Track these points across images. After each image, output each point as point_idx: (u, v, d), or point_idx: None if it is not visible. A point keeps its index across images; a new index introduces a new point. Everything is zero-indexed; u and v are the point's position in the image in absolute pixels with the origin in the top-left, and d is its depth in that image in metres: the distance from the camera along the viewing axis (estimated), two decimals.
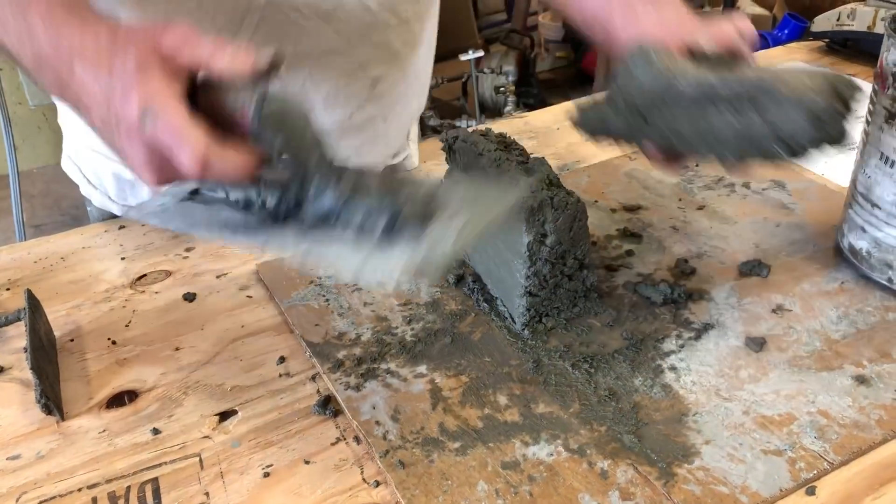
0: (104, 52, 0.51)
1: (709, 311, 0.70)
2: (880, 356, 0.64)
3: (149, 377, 0.68)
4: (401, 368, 0.66)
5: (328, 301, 0.75)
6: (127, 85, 0.50)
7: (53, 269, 0.84)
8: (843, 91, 0.56)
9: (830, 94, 0.55)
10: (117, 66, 0.51)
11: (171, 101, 0.49)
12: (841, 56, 1.22)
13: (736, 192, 0.88)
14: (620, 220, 0.84)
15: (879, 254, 0.70)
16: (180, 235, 0.89)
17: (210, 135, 0.49)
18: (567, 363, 0.65)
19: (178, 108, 0.49)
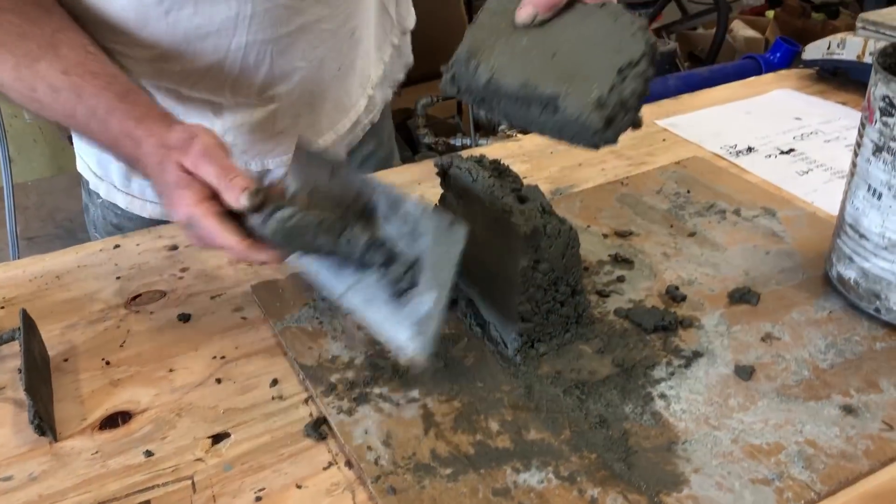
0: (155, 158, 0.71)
1: (699, 339, 0.71)
2: (867, 386, 0.65)
3: (142, 398, 0.69)
4: (393, 393, 0.66)
5: (322, 323, 0.75)
6: (171, 199, 0.69)
7: (49, 288, 0.84)
8: (628, 89, 0.61)
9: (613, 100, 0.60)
10: (162, 179, 0.70)
11: (205, 217, 0.66)
12: (831, 84, 1.23)
13: (726, 219, 0.89)
14: (612, 246, 0.85)
15: (867, 284, 0.71)
16: (175, 255, 0.89)
17: (240, 234, 0.66)
18: (558, 389, 0.65)
19: (211, 221, 0.66)
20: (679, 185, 0.96)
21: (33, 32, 0.76)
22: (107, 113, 0.74)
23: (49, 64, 0.75)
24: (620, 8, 0.64)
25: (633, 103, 0.62)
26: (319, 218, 0.66)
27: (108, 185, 1.01)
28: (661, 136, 1.10)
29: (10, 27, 0.75)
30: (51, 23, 0.77)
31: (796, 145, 1.05)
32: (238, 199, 0.66)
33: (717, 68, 2.98)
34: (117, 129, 0.74)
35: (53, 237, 3.01)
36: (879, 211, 0.68)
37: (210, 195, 0.67)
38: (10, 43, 0.75)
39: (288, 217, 0.65)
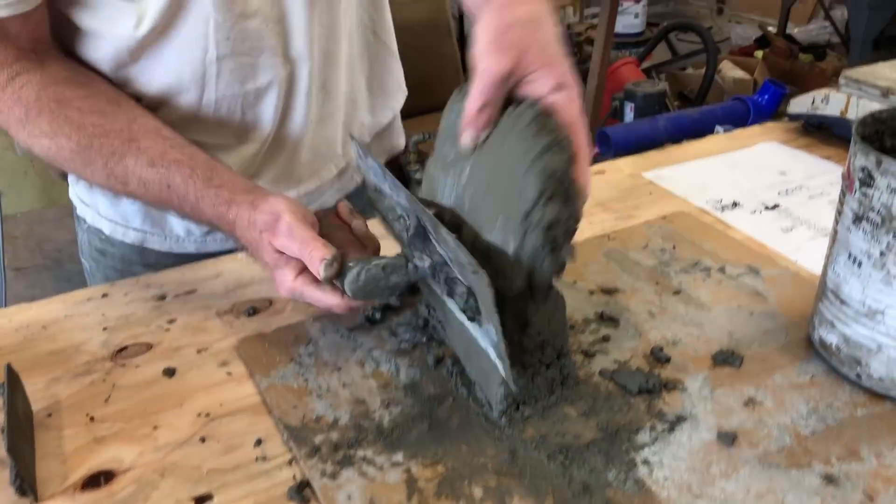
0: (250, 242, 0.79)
1: (682, 402, 0.71)
2: (848, 454, 0.65)
3: (126, 456, 0.69)
4: (377, 456, 0.66)
5: (307, 381, 0.75)
6: (273, 276, 0.78)
7: (34, 339, 0.84)
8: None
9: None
10: (260, 258, 0.79)
11: (304, 289, 0.75)
12: (816, 138, 1.25)
13: (711, 277, 0.90)
14: (598, 303, 0.86)
15: (848, 350, 0.72)
16: (163, 305, 0.89)
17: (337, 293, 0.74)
18: (543, 454, 0.66)
19: (310, 290, 0.75)
20: (665, 241, 0.97)
21: (113, 129, 0.82)
22: (197, 200, 0.81)
23: (135, 159, 0.81)
24: (533, 121, 0.63)
25: (543, 256, 0.62)
26: (382, 264, 0.72)
27: (94, 211, 1.04)
28: (648, 188, 1.12)
29: (93, 129, 0.82)
30: (124, 114, 0.84)
31: (781, 201, 1.07)
32: (319, 273, 0.72)
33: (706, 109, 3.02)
34: (210, 214, 0.81)
35: (41, 268, 3.00)
36: (860, 279, 0.69)
37: (304, 267, 0.75)
38: (97, 143, 0.82)
39: (356, 277, 0.72)
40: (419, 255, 0.72)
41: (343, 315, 0.83)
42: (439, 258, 0.70)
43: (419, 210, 0.70)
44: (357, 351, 0.79)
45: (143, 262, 1.04)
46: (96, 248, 1.07)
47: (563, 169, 0.62)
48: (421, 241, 0.72)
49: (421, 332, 0.81)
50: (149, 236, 1.03)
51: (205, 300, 0.90)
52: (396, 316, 0.84)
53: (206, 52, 0.88)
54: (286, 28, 0.91)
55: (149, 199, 0.85)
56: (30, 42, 0.83)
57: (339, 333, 0.82)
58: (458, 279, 0.68)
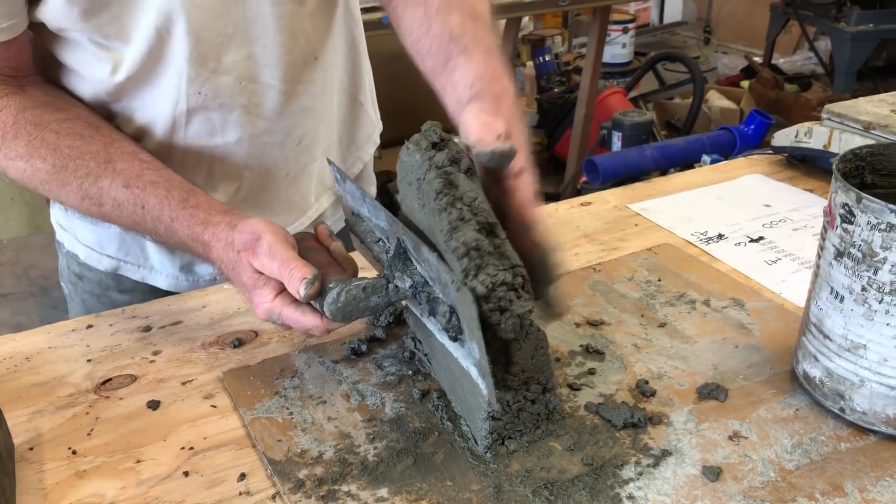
0: (227, 262, 0.78)
1: (667, 437, 0.71)
2: (832, 489, 0.65)
3: (108, 491, 0.68)
4: (361, 491, 0.66)
5: (292, 414, 0.75)
6: (251, 297, 0.76)
7: (17, 371, 0.84)
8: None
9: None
10: (238, 279, 0.77)
11: (283, 309, 0.74)
12: (800, 170, 1.27)
13: (696, 310, 0.90)
14: (584, 336, 0.86)
15: (832, 383, 0.72)
16: (148, 337, 0.89)
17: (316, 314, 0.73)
18: (528, 489, 0.65)
19: (288, 311, 0.74)
20: (650, 273, 0.97)
21: (89, 151, 0.82)
22: (171, 220, 0.80)
23: (111, 181, 0.81)
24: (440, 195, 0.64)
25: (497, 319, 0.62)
26: (362, 285, 0.71)
27: (72, 237, 1.05)
28: (634, 220, 1.12)
29: (69, 151, 0.82)
30: (102, 138, 0.84)
31: (765, 233, 1.08)
32: (299, 293, 0.71)
33: (693, 138, 3.05)
34: (185, 234, 0.80)
35: (27, 294, 2.98)
36: (842, 314, 0.69)
37: (282, 288, 0.74)
38: (72, 164, 0.82)
39: (336, 298, 0.71)
40: (400, 276, 0.72)
41: (329, 347, 0.83)
42: (420, 278, 0.70)
43: (400, 230, 0.70)
44: (342, 384, 0.79)
45: (118, 288, 1.05)
46: (74, 272, 1.07)
47: (475, 238, 0.61)
48: (401, 263, 0.72)
49: (407, 364, 0.81)
50: (122, 264, 1.03)
51: (190, 332, 0.90)
52: (382, 349, 0.84)
53: (176, 103, 0.89)
54: (260, 87, 0.91)
55: (123, 222, 0.84)
56: (10, 69, 0.84)
57: (325, 366, 0.82)
58: (439, 298, 0.68)
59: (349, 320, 0.73)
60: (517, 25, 3.79)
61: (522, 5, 2.90)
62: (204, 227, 0.79)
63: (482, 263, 0.61)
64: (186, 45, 0.85)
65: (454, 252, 0.61)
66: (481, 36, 0.80)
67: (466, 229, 0.61)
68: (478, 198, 0.64)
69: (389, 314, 0.87)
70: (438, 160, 0.66)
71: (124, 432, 0.75)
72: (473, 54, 0.77)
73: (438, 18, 0.81)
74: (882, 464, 0.68)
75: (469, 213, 0.62)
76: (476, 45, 0.78)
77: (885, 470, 0.67)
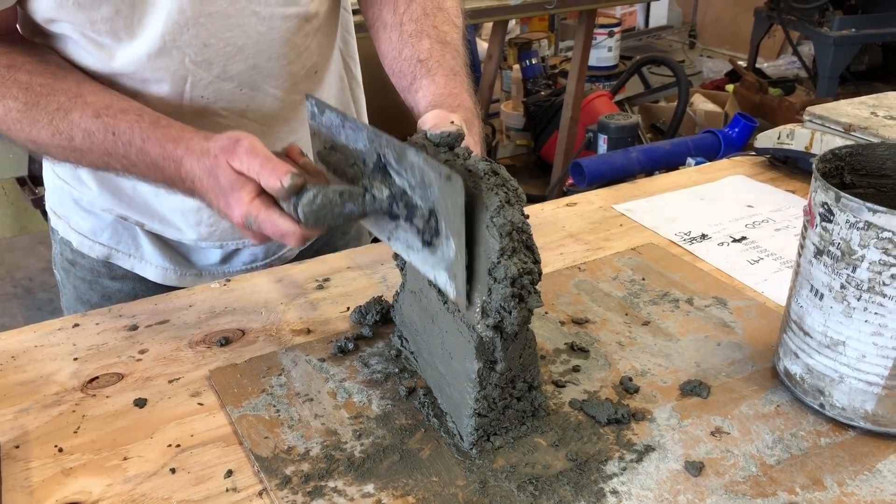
0: (206, 172, 0.76)
1: (651, 432, 0.72)
2: (812, 483, 0.66)
3: (94, 488, 0.68)
4: (348, 487, 0.66)
5: (279, 411, 0.76)
6: (228, 200, 0.75)
7: (3, 370, 0.84)
8: None
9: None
10: (214, 184, 0.75)
11: (261, 210, 0.73)
12: (782, 171, 1.28)
13: (679, 308, 0.91)
14: (569, 334, 0.87)
15: (812, 380, 0.73)
16: (134, 336, 0.89)
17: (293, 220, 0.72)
18: (512, 484, 0.66)
19: (268, 213, 0.73)
20: (634, 273, 0.98)
21: (60, 87, 0.82)
22: (143, 141, 0.79)
23: (81, 112, 0.81)
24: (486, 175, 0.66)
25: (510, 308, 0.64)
26: (339, 190, 0.71)
27: (65, 224, 1.06)
28: (618, 220, 1.14)
29: (40, 88, 0.82)
30: (74, 77, 0.84)
31: (748, 233, 1.09)
32: (281, 181, 0.70)
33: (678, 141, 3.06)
34: (157, 154, 0.78)
35: (11, 296, 2.97)
36: (822, 311, 0.71)
37: (262, 190, 0.73)
38: (43, 101, 0.81)
39: (312, 199, 0.70)
40: (377, 186, 0.71)
41: (315, 345, 0.84)
42: (398, 189, 0.70)
43: (383, 142, 0.70)
44: (329, 381, 0.80)
45: (110, 275, 1.06)
46: (67, 259, 1.08)
47: (521, 221, 0.63)
48: (380, 175, 0.72)
49: (393, 362, 0.82)
50: (114, 253, 1.04)
51: (177, 330, 0.90)
52: (368, 347, 0.85)
53: (179, 105, 0.90)
54: (261, 95, 0.94)
55: (94, 154, 0.82)
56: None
57: (311, 364, 0.82)
58: (418, 204, 0.67)
59: (322, 226, 0.72)
60: (504, 29, 3.81)
61: (509, 8, 2.91)
62: (176, 144, 0.78)
63: (517, 248, 0.62)
64: (194, 51, 0.86)
65: (499, 229, 0.62)
66: (446, 60, 0.87)
67: (514, 210, 0.63)
68: (519, 187, 0.66)
69: (376, 313, 0.88)
70: (459, 151, 0.69)
71: (111, 430, 0.75)
72: (436, 76, 0.85)
73: (409, 43, 0.89)
74: (860, 458, 0.69)
75: (514, 197, 0.64)
76: (440, 68, 0.86)
77: (864, 464, 0.69)
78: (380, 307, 0.88)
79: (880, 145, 0.76)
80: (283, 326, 0.90)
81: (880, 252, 0.65)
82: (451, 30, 0.91)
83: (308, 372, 0.81)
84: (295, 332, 0.89)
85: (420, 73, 0.87)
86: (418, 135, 0.73)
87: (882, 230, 0.65)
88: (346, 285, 0.98)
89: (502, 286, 0.61)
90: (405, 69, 0.89)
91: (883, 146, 0.76)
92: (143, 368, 0.84)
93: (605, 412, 0.73)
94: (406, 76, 0.88)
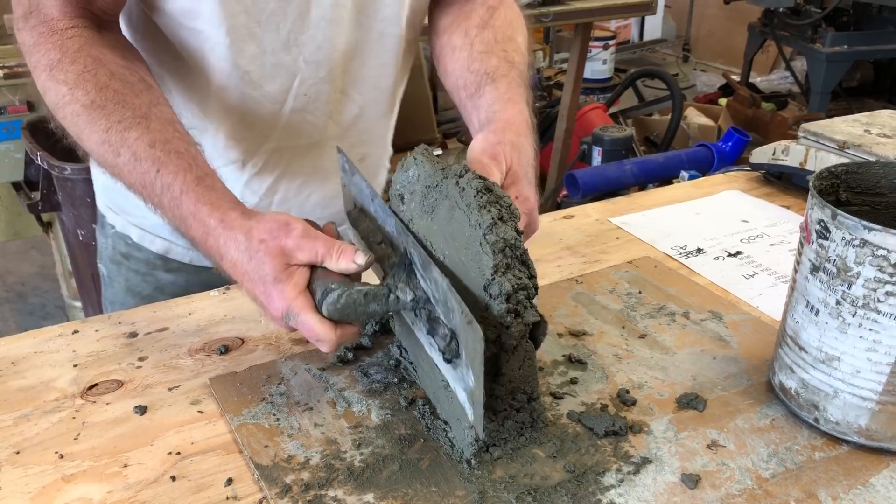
0: (244, 255, 0.74)
1: (648, 445, 0.73)
2: (807, 496, 0.67)
3: (94, 495, 0.68)
4: (348, 496, 0.67)
5: (279, 420, 0.76)
6: (269, 292, 0.72)
7: (3, 375, 0.84)
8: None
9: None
10: (256, 269, 0.73)
11: (304, 309, 0.71)
12: (776, 186, 1.30)
13: (676, 322, 0.92)
14: (566, 346, 0.87)
15: (807, 394, 0.74)
16: (134, 343, 0.89)
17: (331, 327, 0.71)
18: (511, 495, 0.67)
19: (310, 314, 0.71)
20: (631, 286, 0.99)
21: (132, 102, 0.81)
22: (181, 193, 0.77)
23: (139, 135, 0.80)
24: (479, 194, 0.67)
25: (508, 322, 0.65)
26: (364, 291, 0.71)
27: (124, 219, 1.08)
28: (615, 234, 1.15)
29: (113, 94, 0.81)
30: (148, 96, 0.83)
31: (743, 248, 1.10)
32: (354, 261, 0.72)
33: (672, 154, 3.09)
34: (188, 210, 0.77)
35: (4, 301, 2.96)
36: (817, 326, 0.72)
37: (307, 286, 0.73)
38: (110, 108, 0.80)
39: (337, 299, 0.71)
40: (402, 288, 0.72)
41: (315, 355, 0.84)
42: (423, 294, 0.71)
43: (409, 242, 0.71)
44: (328, 391, 0.80)
45: (165, 267, 1.09)
46: (121, 252, 1.10)
47: (514, 238, 0.64)
48: (405, 274, 0.73)
49: (393, 372, 0.83)
50: (173, 246, 1.07)
51: (176, 338, 0.90)
52: (368, 356, 0.85)
53: (283, 103, 0.96)
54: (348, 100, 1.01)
55: (132, 178, 0.80)
56: (100, 10, 0.86)
57: (311, 373, 0.83)
58: (441, 320, 0.69)
59: (345, 323, 0.72)
60: None
61: None
62: (212, 209, 0.76)
63: (511, 264, 0.63)
64: (309, 51, 0.93)
65: (492, 246, 0.63)
66: (512, 75, 0.93)
67: (506, 227, 0.64)
68: (512, 203, 0.67)
69: (376, 322, 0.88)
70: (455, 169, 0.69)
71: (111, 437, 0.75)
72: (500, 84, 0.91)
73: (479, 59, 0.95)
74: (854, 472, 0.70)
75: (507, 213, 0.65)
76: (504, 78, 0.92)
77: (858, 478, 0.70)
78: (379, 318, 0.89)
79: (875, 164, 0.77)
80: (282, 335, 0.90)
81: (875, 269, 0.66)
82: (518, 58, 0.97)
83: (308, 381, 0.82)
84: (294, 342, 0.89)
85: (485, 81, 0.93)
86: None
87: (877, 248, 0.66)
88: None
89: (497, 303, 0.62)
90: (471, 81, 0.94)
91: (878, 165, 0.77)
92: (142, 376, 0.84)
93: (603, 424, 0.74)
94: (471, 86, 0.94)
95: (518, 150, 0.82)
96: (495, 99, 0.89)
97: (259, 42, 0.91)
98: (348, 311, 0.71)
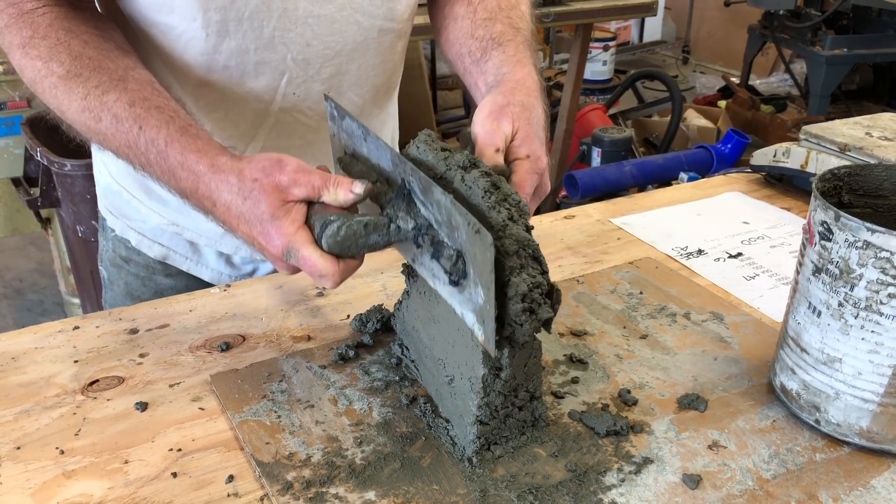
0: (237, 196, 0.72)
1: (649, 445, 0.73)
2: (807, 498, 0.67)
3: (95, 491, 0.68)
4: (349, 493, 0.67)
5: (280, 417, 0.76)
6: (267, 230, 0.71)
7: (4, 371, 0.84)
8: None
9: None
10: (251, 209, 0.71)
11: (305, 244, 0.70)
12: (777, 189, 1.30)
13: (677, 322, 0.92)
14: (567, 346, 0.87)
15: (808, 396, 0.74)
16: (135, 339, 0.89)
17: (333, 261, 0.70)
18: (512, 494, 0.67)
19: (311, 248, 0.70)
20: (632, 286, 0.99)
21: (108, 67, 0.81)
22: (166, 144, 0.76)
23: (117, 96, 0.79)
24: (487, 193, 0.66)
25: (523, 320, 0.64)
26: (364, 221, 0.70)
27: (123, 223, 1.08)
28: (616, 234, 1.15)
29: (88, 61, 0.80)
30: (125, 60, 0.83)
31: (744, 249, 1.10)
32: (352, 190, 0.71)
33: (671, 156, 3.10)
34: (175, 161, 0.76)
35: (1, 297, 2.95)
36: (819, 328, 0.72)
37: (306, 220, 0.71)
38: (86, 74, 0.80)
39: (336, 231, 0.70)
40: (403, 217, 0.71)
41: (316, 352, 0.84)
42: (424, 221, 0.69)
43: (408, 170, 0.69)
44: (330, 388, 0.80)
45: (165, 272, 1.09)
46: (121, 255, 1.10)
47: (526, 238, 0.64)
48: (405, 203, 0.71)
49: (394, 370, 0.83)
50: (171, 253, 1.07)
51: (177, 335, 0.90)
52: (369, 354, 0.85)
53: (271, 102, 0.94)
54: (343, 100, 0.98)
55: (116, 142, 0.79)
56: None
57: (312, 371, 0.83)
58: (444, 242, 0.67)
59: (346, 256, 0.71)
60: None
61: None
62: (200, 156, 0.75)
63: (525, 264, 0.63)
64: (297, 49, 0.91)
65: (506, 249, 0.62)
66: (518, 40, 0.91)
67: (518, 228, 0.63)
68: (521, 200, 0.66)
69: (377, 321, 0.88)
70: (459, 160, 0.69)
71: (112, 433, 0.75)
72: (507, 48, 0.89)
73: (483, 25, 0.93)
74: (855, 474, 0.70)
75: (517, 212, 0.65)
76: (511, 42, 0.90)
77: (858, 480, 0.70)
78: (380, 315, 0.89)
79: (878, 166, 0.77)
80: (283, 333, 0.90)
81: (878, 271, 0.66)
82: (523, 25, 0.95)
83: (309, 378, 0.81)
84: (295, 339, 0.89)
85: (492, 46, 0.90)
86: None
87: (880, 250, 0.66)
88: (346, 293, 0.98)
89: (513, 302, 0.62)
90: (476, 47, 0.92)
91: (881, 167, 0.77)
92: (143, 372, 0.84)
93: (604, 424, 0.74)
94: (476, 52, 0.92)
95: (528, 111, 0.80)
96: (503, 62, 0.87)
97: (240, 38, 0.88)
98: (349, 244, 0.69)
